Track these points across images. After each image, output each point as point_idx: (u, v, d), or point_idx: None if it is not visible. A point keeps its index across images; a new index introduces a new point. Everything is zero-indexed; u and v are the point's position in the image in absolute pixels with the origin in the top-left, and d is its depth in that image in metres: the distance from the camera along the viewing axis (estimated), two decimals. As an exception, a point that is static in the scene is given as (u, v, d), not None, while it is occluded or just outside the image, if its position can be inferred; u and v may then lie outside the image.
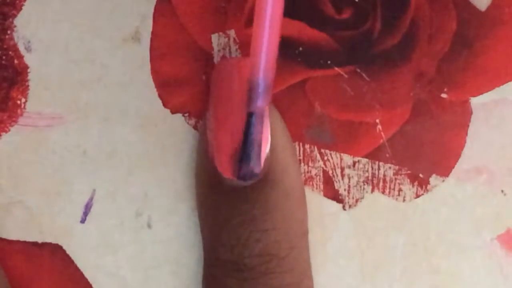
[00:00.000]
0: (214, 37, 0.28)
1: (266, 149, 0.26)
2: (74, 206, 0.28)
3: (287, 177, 0.26)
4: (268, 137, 0.26)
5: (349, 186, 0.28)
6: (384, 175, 0.28)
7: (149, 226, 0.28)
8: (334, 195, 0.28)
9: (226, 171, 0.26)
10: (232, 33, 0.28)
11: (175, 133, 0.28)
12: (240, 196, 0.26)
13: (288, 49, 0.28)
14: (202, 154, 0.27)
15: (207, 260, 0.27)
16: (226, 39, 0.28)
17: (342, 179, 0.28)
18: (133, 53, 0.28)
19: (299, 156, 0.28)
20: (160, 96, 0.28)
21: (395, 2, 0.28)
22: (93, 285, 0.28)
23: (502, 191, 0.28)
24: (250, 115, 0.25)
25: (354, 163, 0.28)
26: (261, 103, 0.25)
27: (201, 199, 0.27)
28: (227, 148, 0.25)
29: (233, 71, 0.26)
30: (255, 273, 0.26)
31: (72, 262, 0.28)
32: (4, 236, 0.28)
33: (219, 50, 0.28)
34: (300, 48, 0.28)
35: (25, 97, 0.29)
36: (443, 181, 0.28)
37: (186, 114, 0.28)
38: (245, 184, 0.26)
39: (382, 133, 0.28)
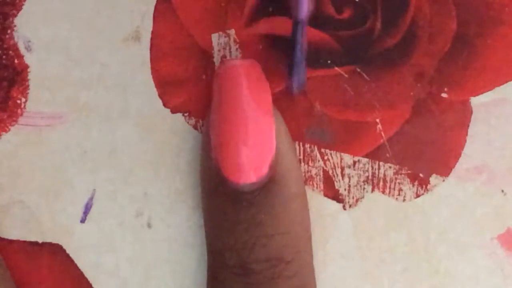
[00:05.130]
0: (214, 37, 0.28)
1: (272, 153, 0.26)
2: (74, 205, 0.28)
3: (291, 180, 0.26)
4: (274, 142, 0.26)
5: (349, 186, 0.28)
6: (384, 175, 0.28)
7: (149, 225, 0.28)
8: (334, 195, 0.28)
9: (231, 174, 0.25)
10: (232, 32, 0.28)
11: (175, 133, 0.28)
12: (246, 200, 0.26)
13: (288, 48, 0.28)
14: (206, 155, 0.27)
15: (212, 264, 0.27)
16: (226, 39, 0.28)
17: (342, 178, 0.28)
18: (133, 52, 0.28)
19: (299, 156, 0.28)
20: (160, 95, 0.28)
21: (395, 2, 0.28)
22: (93, 285, 0.28)
23: (502, 190, 0.28)
24: (297, 23, 0.26)
25: (354, 162, 0.28)
26: (306, 11, 0.26)
27: (205, 202, 0.27)
28: (230, 151, 0.25)
29: (238, 72, 0.26)
30: (262, 278, 0.25)
31: (72, 261, 0.28)
32: (4, 236, 0.28)
33: (219, 50, 0.28)
34: (300, 48, 0.28)
35: (25, 97, 0.29)
36: (443, 180, 0.28)
37: (186, 114, 0.28)
38: (249, 189, 0.26)
39: (382, 132, 0.28)
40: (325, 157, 0.28)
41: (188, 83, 0.28)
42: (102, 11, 0.29)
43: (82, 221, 0.28)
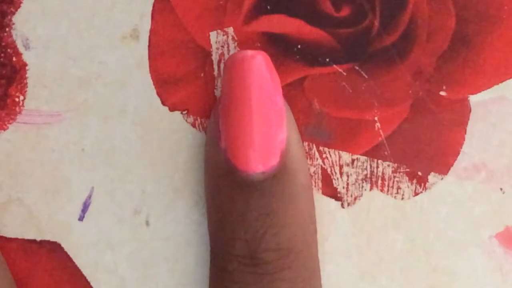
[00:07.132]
0: (213, 35, 0.28)
1: (283, 142, 0.26)
2: (73, 203, 0.28)
3: (301, 171, 0.26)
4: (286, 132, 0.26)
5: (347, 184, 0.28)
6: (383, 173, 0.28)
7: (147, 223, 0.28)
8: (332, 193, 0.28)
9: (242, 164, 0.25)
10: (230, 30, 0.28)
11: (174, 131, 0.28)
12: (257, 189, 0.25)
13: (286, 46, 0.28)
14: (213, 145, 0.26)
15: (219, 255, 0.26)
16: (225, 37, 0.28)
17: (341, 177, 0.28)
18: (131, 51, 0.28)
19: (298, 154, 0.28)
20: (158, 94, 0.28)
21: (394, 0, 0.28)
22: (91, 283, 0.28)
23: (500, 189, 0.28)
24: None
25: (353, 160, 0.28)
26: None
27: (212, 192, 0.27)
28: (242, 140, 0.25)
29: (249, 63, 0.25)
30: (272, 268, 0.25)
31: (70, 259, 0.28)
32: (2, 234, 0.28)
33: (217, 48, 0.28)
34: (299, 46, 0.28)
35: (24, 95, 0.29)
36: (442, 179, 0.28)
37: (185, 112, 0.28)
38: (261, 178, 0.25)
39: (380, 131, 0.28)
40: (324, 155, 0.28)
41: (187, 81, 0.28)
42: (100, 9, 0.29)
43: (80, 219, 0.28)
